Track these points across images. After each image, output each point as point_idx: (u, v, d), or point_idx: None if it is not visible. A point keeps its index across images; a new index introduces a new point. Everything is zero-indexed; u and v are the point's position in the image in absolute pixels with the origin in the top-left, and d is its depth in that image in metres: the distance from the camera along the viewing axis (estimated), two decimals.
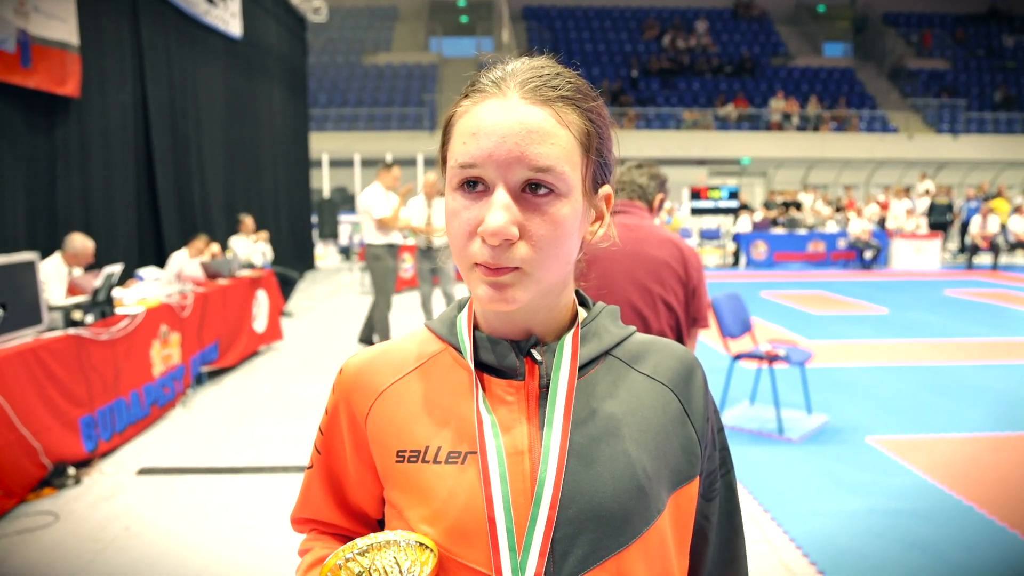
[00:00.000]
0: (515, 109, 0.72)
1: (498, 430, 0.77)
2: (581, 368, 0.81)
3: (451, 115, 0.78)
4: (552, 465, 0.75)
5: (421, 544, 0.71)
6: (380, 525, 0.91)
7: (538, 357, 0.79)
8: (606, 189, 0.81)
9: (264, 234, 9.71)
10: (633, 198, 2.68)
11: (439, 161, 0.82)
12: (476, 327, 0.83)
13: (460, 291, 7.51)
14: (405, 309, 9.95)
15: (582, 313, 0.86)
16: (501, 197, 0.71)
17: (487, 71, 0.77)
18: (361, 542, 0.72)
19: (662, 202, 2.75)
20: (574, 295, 0.85)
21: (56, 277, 5.20)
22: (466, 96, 0.77)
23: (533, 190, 0.72)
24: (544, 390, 0.78)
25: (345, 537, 0.90)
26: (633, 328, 0.88)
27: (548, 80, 0.75)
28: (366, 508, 0.89)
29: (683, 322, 2.54)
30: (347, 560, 0.71)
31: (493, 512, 0.74)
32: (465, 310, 0.86)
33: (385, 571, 0.71)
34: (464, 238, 0.73)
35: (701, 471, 0.84)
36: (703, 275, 2.59)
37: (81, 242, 5.40)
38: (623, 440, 0.78)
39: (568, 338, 0.81)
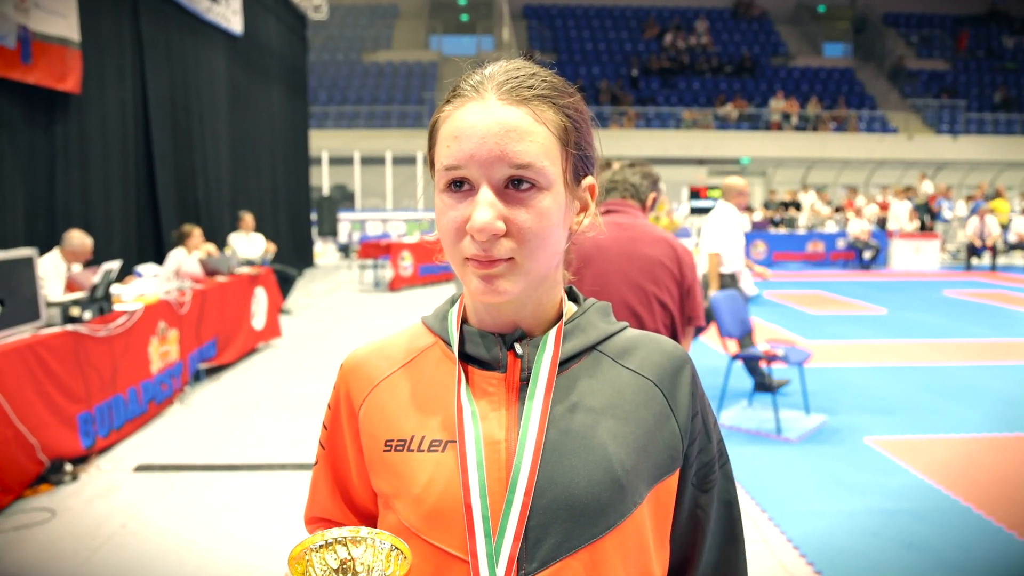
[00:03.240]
0: (493, 110, 0.75)
1: (478, 420, 0.80)
2: (565, 362, 0.83)
3: (435, 120, 0.81)
4: (528, 455, 0.77)
5: (395, 548, 0.70)
6: None
7: (519, 350, 0.81)
8: (589, 180, 0.84)
9: (272, 247, 9.64)
10: (626, 197, 2.69)
11: (428, 165, 0.84)
12: (466, 321, 0.86)
13: None
14: (405, 307, 9.97)
15: (571, 308, 0.88)
16: (485, 195, 0.74)
17: (466, 76, 0.80)
18: (330, 534, 0.71)
19: (655, 201, 2.76)
20: (562, 291, 0.88)
21: (54, 273, 5.20)
22: (448, 102, 0.80)
23: (516, 186, 0.75)
24: (525, 383, 0.81)
25: None
26: (625, 324, 0.90)
27: (524, 81, 0.78)
28: (370, 505, 0.91)
29: (678, 321, 2.55)
30: (314, 549, 0.70)
31: (469, 498, 0.77)
32: (456, 305, 0.89)
33: (355, 567, 0.69)
34: (454, 235, 0.76)
35: (684, 464, 0.85)
36: (697, 273, 2.60)
37: (79, 238, 5.39)
38: (601, 433, 0.79)
39: (551, 333, 0.83)
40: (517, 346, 0.82)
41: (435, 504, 0.78)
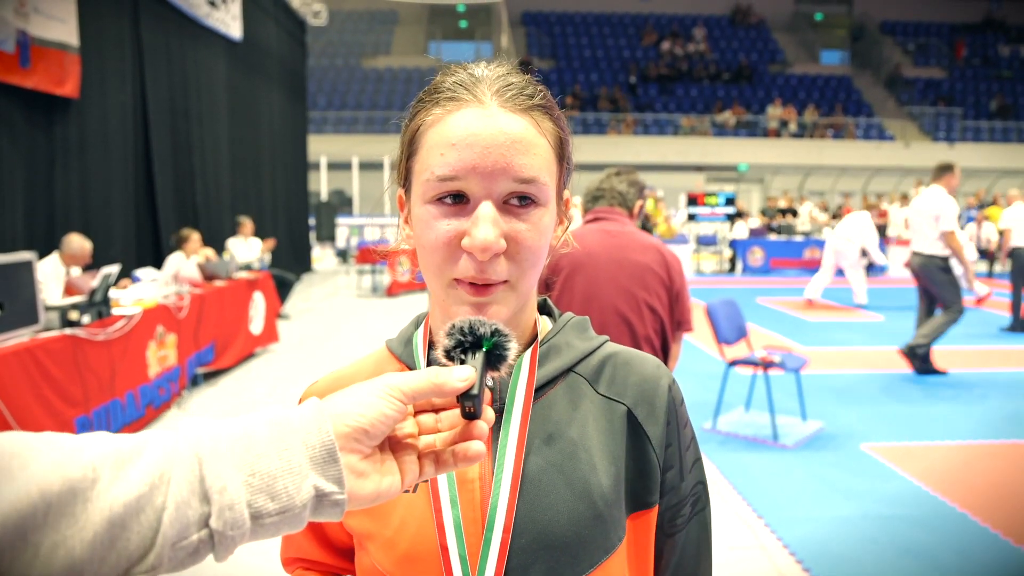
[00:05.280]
0: (496, 118, 0.69)
1: None
2: (540, 387, 0.77)
3: (419, 124, 0.73)
4: (504, 493, 0.72)
5: None
6: None
7: (489, 381, 0.76)
8: (567, 194, 0.81)
9: (271, 243, 9.68)
10: (613, 205, 2.71)
11: (399, 172, 0.77)
12: (433, 346, 0.77)
13: None
14: (403, 312, 9.98)
15: (545, 326, 0.83)
16: (487, 210, 0.68)
17: (448, 75, 0.73)
18: None
19: (642, 208, 2.80)
20: (535, 307, 0.82)
21: (53, 277, 5.20)
22: (435, 104, 0.72)
23: (516, 201, 0.70)
24: (499, 413, 0.75)
25: (332, 575, 0.89)
26: (603, 339, 0.84)
27: (523, 88, 0.72)
28: (346, 539, 0.87)
29: (667, 326, 2.58)
30: None
31: (445, 539, 0.72)
32: (421, 328, 0.83)
33: None
34: (444, 252, 0.70)
35: (661, 498, 0.80)
36: (685, 279, 2.63)
37: (79, 242, 5.40)
38: (580, 465, 0.74)
39: (526, 358, 0.77)
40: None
41: (409, 547, 0.73)
